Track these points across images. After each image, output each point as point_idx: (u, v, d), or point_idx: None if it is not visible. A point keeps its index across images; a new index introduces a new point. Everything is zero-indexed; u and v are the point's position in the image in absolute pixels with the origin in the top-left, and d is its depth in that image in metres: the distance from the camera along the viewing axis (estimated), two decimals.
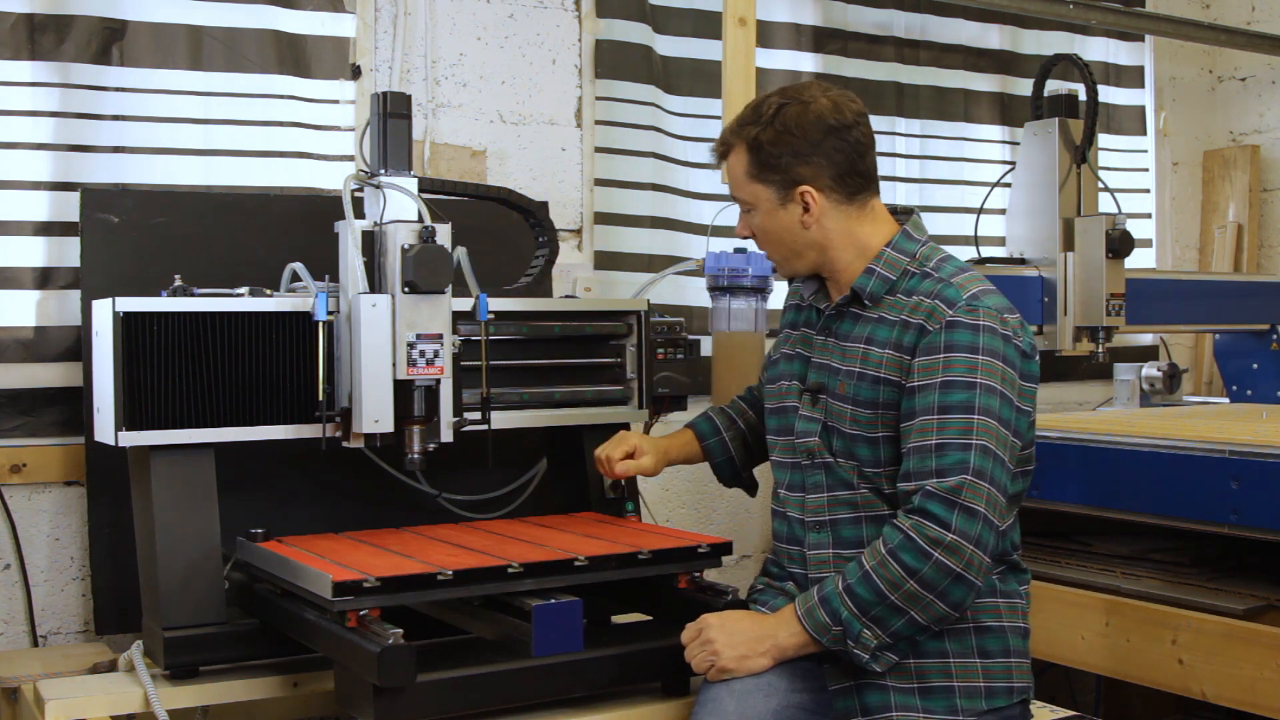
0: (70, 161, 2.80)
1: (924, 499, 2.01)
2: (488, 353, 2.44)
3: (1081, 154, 3.63)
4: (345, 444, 2.33)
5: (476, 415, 2.41)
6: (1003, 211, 3.87)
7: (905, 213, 2.26)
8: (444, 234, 2.30)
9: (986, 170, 4.16)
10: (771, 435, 2.34)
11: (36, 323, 2.78)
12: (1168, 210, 4.67)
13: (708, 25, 3.58)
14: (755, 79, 3.21)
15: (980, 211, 3.87)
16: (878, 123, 2.25)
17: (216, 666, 2.27)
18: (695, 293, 3.53)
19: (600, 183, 3.46)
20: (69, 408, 2.77)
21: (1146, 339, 4.54)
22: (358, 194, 2.37)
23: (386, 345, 2.27)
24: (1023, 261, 3.67)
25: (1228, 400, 4.10)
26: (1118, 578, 2.87)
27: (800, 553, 2.23)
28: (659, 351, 2.83)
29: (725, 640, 2.09)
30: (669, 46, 3.61)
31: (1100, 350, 3.53)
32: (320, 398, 2.28)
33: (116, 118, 2.85)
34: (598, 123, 3.46)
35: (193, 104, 2.92)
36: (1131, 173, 4.56)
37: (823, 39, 3.88)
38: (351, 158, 3.08)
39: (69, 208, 2.73)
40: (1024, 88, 4.08)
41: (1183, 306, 3.86)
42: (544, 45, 3.40)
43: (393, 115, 2.38)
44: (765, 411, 2.37)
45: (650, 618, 2.43)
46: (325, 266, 2.38)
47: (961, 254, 2.85)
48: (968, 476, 2.00)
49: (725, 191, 2.37)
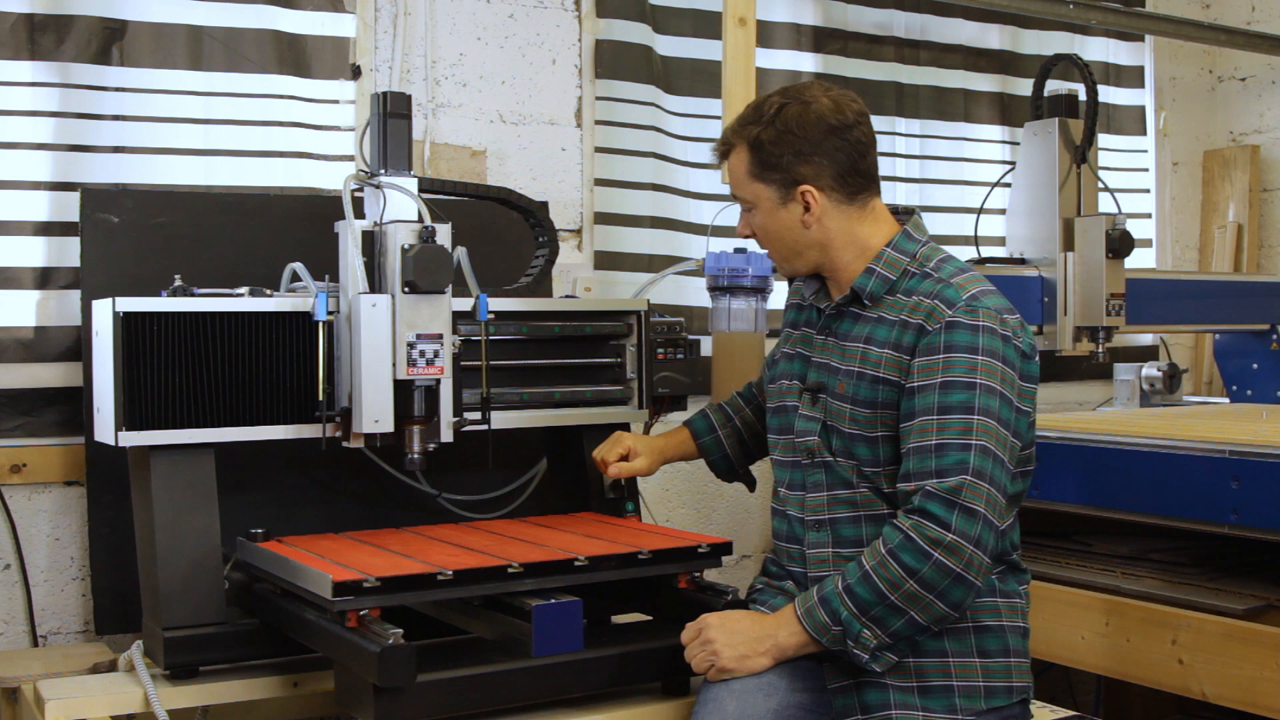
0: (70, 161, 2.80)
1: (924, 499, 2.01)
2: (488, 353, 2.44)
3: (1081, 154, 3.63)
4: (345, 444, 2.33)
5: (476, 415, 2.41)
6: (1003, 211, 3.87)
7: (906, 213, 2.26)
8: (444, 234, 2.30)
9: (986, 170, 4.15)
10: (772, 434, 2.34)
11: (36, 323, 2.78)
12: (1168, 210, 4.67)
13: (708, 25, 3.58)
14: (755, 79, 3.21)
15: (980, 211, 3.87)
16: (878, 123, 2.25)
17: (216, 666, 2.27)
18: (695, 293, 3.53)
19: (600, 183, 3.46)
20: (69, 408, 2.77)
21: (1146, 339, 4.54)
22: (358, 194, 2.37)
23: (386, 345, 2.27)
24: (1023, 261, 3.66)
25: (1228, 400, 4.10)
26: (1118, 578, 2.87)
27: (800, 551, 2.24)
28: (659, 351, 2.84)
29: (725, 640, 2.09)
30: (669, 46, 3.61)
31: (1100, 350, 3.53)
32: (320, 398, 2.28)
33: (116, 118, 2.85)
34: (598, 123, 3.46)
35: (193, 104, 2.92)
36: (1131, 173, 4.55)
37: (823, 39, 3.88)
38: (351, 158, 3.08)
39: (69, 208, 2.73)
40: (1024, 88, 4.08)
41: (1183, 306, 3.86)
42: (544, 45, 3.39)
43: (393, 115, 2.38)
44: (766, 411, 2.37)
45: (650, 618, 2.43)
46: (325, 266, 2.38)
47: (961, 254, 2.85)
48: (967, 477, 2.00)
49: (725, 191, 2.37)
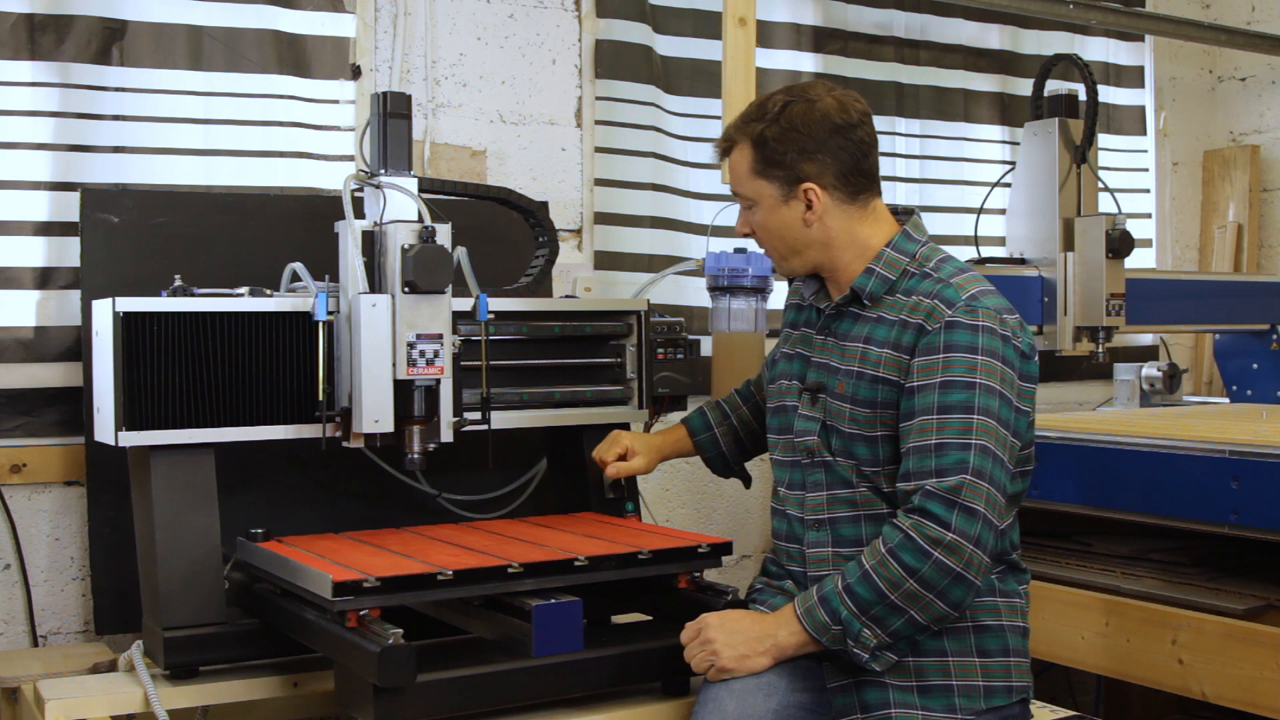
0: (70, 161, 2.80)
1: (923, 499, 2.01)
2: (488, 353, 2.44)
3: (1081, 154, 3.63)
4: (345, 444, 2.33)
5: (476, 415, 2.41)
6: (1003, 211, 3.87)
7: (906, 213, 2.26)
8: (444, 234, 2.30)
9: (986, 170, 4.15)
10: (772, 434, 2.34)
11: (36, 323, 2.78)
12: (1168, 210, 4.66)
13: (708, 25, 3.58)
14: (755, 79, 3.21)
15: (980, 211, 3.87)
16: (878, 123, 2.25)
17: (216, 666, 2.27)
18: (695, 293, 3.53)
19: (600, 183, 3.46)
20: (69, 408, 2.77)
21: (1146, 339, 4.54)
22: (358, 194, 2.37)
23: (386, 345, 2.27)
24: (1023, 261, 3.66)
25: (1228, 400, 4.09)
26: (1118, 578, 2.87)
27: (799, 551, 2.24)
28: (659, 351, 2.84)
29: (725, 640, 2.09)
30: (669, 46, 3.61)
31: (1100, 350, 3.53)
32: (320, 398, 2.28)
33: (116, 118, 2.84)
34: (598, 123, 3.45)
35: (193, 104, 2.92)
36: (1131, 173, 4.55)
37: (823, 39, 3.88)
38: (351, 158, 3.08)
39: (69, 208, 2.73)
40: (1024, 88, 4.08)
41: (1183, 306, 3.86)
42: (544, 45, 3.39)
43: (393, 115, 2.38)
44: (766, 410, 2.37)
45: (650, 618, 2.43)
46: (325, 266, 2.38)
47: (961, 254, 2.86)
48: (967, 476, 2.00)
49: (725, 191, 2.37)
